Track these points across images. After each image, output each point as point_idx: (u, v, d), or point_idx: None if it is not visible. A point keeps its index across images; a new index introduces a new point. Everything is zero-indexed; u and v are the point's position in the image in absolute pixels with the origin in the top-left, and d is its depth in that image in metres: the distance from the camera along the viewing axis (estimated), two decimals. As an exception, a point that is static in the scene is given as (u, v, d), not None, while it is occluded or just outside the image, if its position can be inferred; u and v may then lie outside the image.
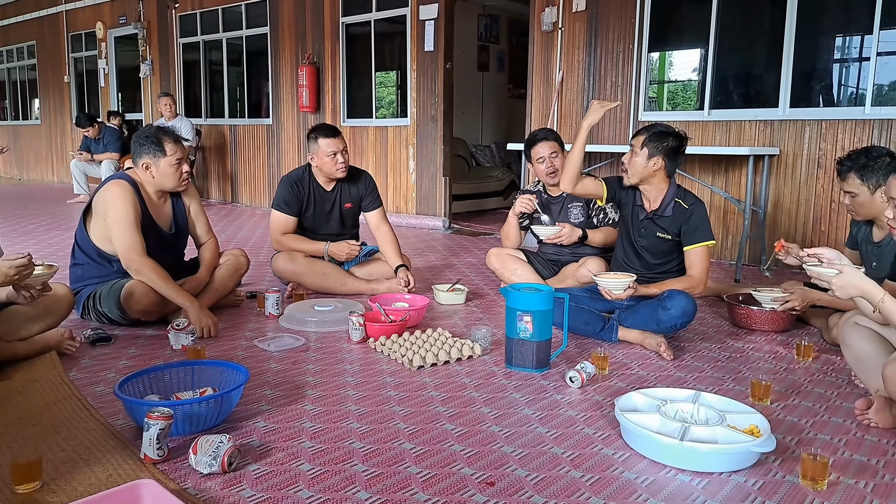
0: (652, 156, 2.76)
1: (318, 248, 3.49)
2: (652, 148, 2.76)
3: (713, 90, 4.76)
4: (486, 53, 8.63)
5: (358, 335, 2.72)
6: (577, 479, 1.66)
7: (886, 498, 1.58)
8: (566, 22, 5.39)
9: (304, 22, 7.18)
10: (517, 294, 2.42)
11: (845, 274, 1.90)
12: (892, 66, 4.18)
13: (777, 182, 4.48)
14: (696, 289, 2.74)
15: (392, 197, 6.62)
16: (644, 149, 2.77)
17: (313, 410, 2.05)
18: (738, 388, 2.30)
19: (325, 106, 7.11)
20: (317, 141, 3.46)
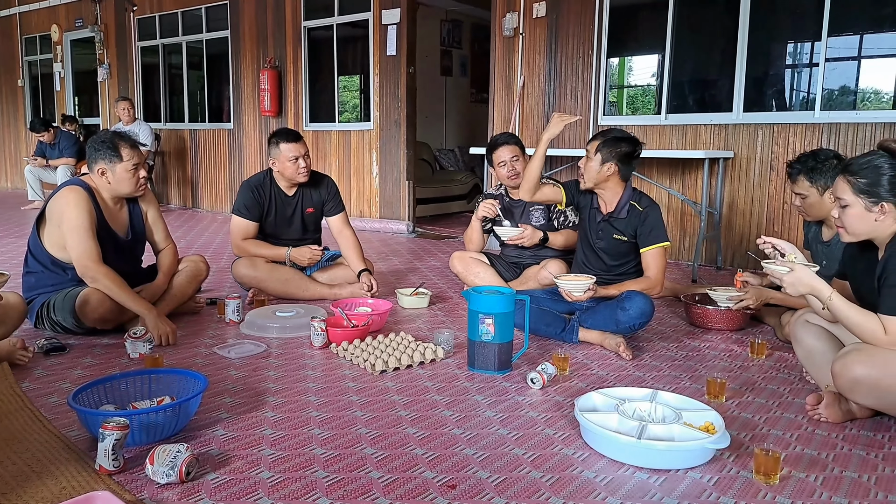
0: (605, 161, 2.81)
1: (279, 253, 3.45)
2: (605, 154, 2.81)
3: (670, 95, 4.87)
4: (449, 58, 8.68)
5: (320, 341, 2.70)
6: (538, 480, 1.67)
7: (835, 490, 1.64)
8: (527, 28, 5.45)
9: (265, 26, 7.11)
10: (479, 297, 2.44)
11: (796, 272, 1.98)
12: (839, 72, 4.33)
13: (732, 184, 4.60)
14: (654, 289, 2.80)
15: (356, 201, 6.60)
16: (598, 154, 2.82)
17: (274, 417, 2.03)
18: (695, 386, 2.35)
19: (287, 110, 7.05)
20: (278, 146, 3.43)
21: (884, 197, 1.89)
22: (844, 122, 4.15)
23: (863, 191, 1.92)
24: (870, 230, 1.95)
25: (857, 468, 1.75)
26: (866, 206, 1.92)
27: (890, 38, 4.17)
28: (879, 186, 1.90)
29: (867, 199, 1.92)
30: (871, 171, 1.91)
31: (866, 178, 1.91)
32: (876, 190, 1.90)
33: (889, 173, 1.89)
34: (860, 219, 1.94)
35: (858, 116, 4.13)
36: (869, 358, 1.88)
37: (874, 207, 1.91)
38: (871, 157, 1.93)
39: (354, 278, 3.51)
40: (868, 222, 1.94)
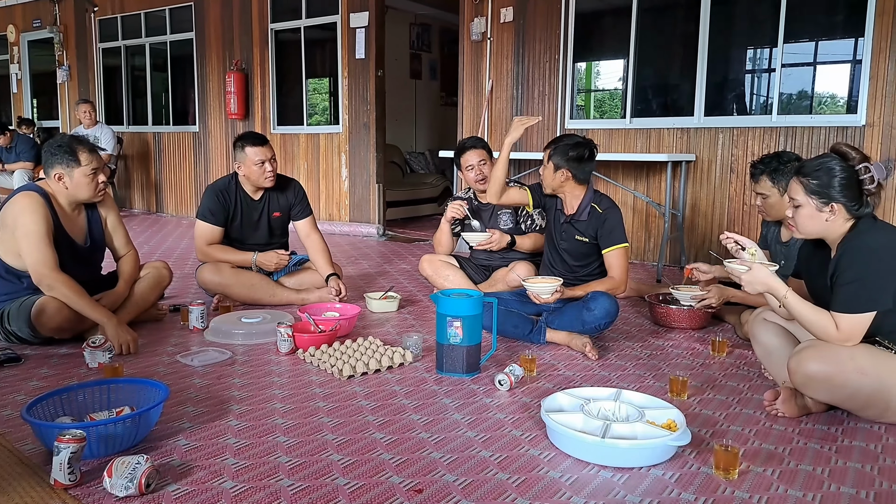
0: (557, 168, 2.86)
1: (245, 258, 3.42)
2: (556, 161, 2.86)
3: (634, 100, 4.95)
4: (419, 61, 8.69)
5: (286, 346, 2.67)
6: (504, 481, 1.68)
7: (791, 483, 1.68)
8: (494, 32, 5.49)
9: (231, 28, 7.03)
10: (447, 300, 2.44)
11: (754, 271, 2.04)
12: (795, 77, 4.45)
13: (694, 186, 4.69)
14: (618, 289, 2.84)
15: (325, 204, 6.56)
16: (549, 162, 2.87)
17: (238, 426, 2.00)
18: (658, 384, 2.39)
19: (254, 113, 6.98)
20: (244, 149, 3.39)
21: (834, 198, 1.96)
22: (800, 125, 4.26)
23: (814, 192, 1.98)
24: (821, 230, 2.02)
25: (811, 461, 1.80)
26: (817, 206, 1.98)
27: (843, 44, 4.30)
28: (830, 188, 1.96)
29: (818, 200, 1.98)
30: (823, 173, 1.97)
31: (818, 180, 1.98)
32: (827, 191, 1.96)
33: (840, 175, 1.95)
34: (811, 218, 2.01)
35: (813, 120, 4.24)
36: (822, 354, 1.94)
37: (825, 208, 1.97)
38: (823, 160, 1.99)
39: (322, 283, 3.48)
40: (819, 222, 2.00)
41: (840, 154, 1.98)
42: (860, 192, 1.95)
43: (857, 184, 1.94)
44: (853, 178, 1.95)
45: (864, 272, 1.90)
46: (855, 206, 1.95)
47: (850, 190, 1.95)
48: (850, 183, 1.95)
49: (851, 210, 1.96)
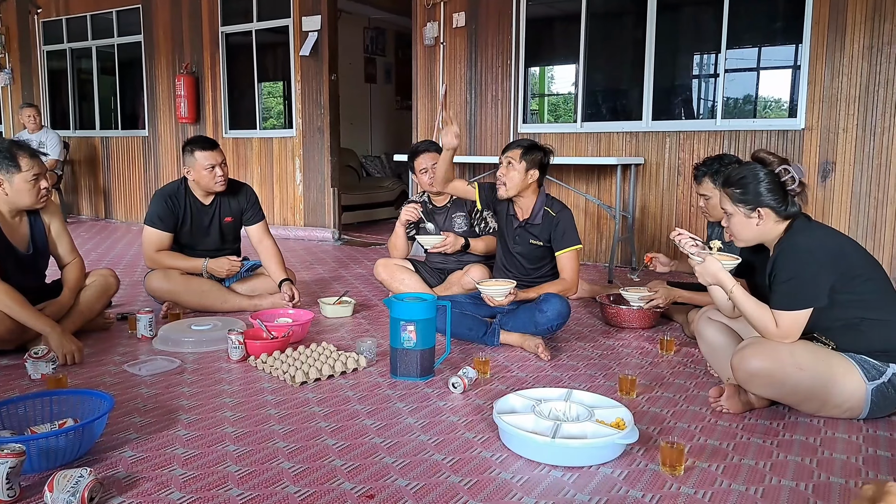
0: (529, 168, 2.89)
1: (196, 264, 3.35)
2: (529, 161, 2.89)
3: (584, 104, 5.04)
4: (373, 65, 8.67)
5: (238, 354, 2.63)
6: (456, 484, 1.69)
7: (734, 478, 1.74)
8: (447, 37, 5.52)
9: (180, 30, 6.89)
10: (400, 304, 2.44)
11: (706, 263, 2.12)
12: (737, 83, 4.61)
13: (643, 189, 4.80)
14: (570, 290, 2.89)
15: (279, 209, 6.48)
16: (522, 162, 2.90)
17: (186, 435, 1.96)
18: (609, 383, 2.44)
19: (205, 117, 6.85)
20: (193, 154, 3.32)
21: (760, 203, 2.05)
22: (743, 129, 4.41)
23: (740, 200, 2.07)
24: (755, 235, 2.10)
25: (754, 456, 1.86)
26: (746, 213, 2.07)
27: (784, 50, 4.47)
28: (754, 194, 2.05)
29: (745, 207, 2.07)
30: (746, 181, 2.06)
31: (742, 188, 2.07)
32: (751, 198, 2.05)
33: (762, 181, 2.04)
34: (743, 226, 2.10)
35: (755, 124, 4.40)
36: (763, 351, 2.01)
37: (752, 213, 2.06)
38: (745, 169, 2.09)
39: (275, 288, 3.44)
40: (751, 228, 2.09)
41: (759, 160, 2.08)
42: (784, 194, 2.03)
43: (779, 186, 2.03)
44: (775, 181, 2.03)
45: (799, 271, 1.98)
46: (782, 208, 2.04)
47: (775, 193, 2.03)
48: (773, 186, 2.03)
49: (779, 212, 2.05)
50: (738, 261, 2.26)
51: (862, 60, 4.01)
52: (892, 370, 1.99)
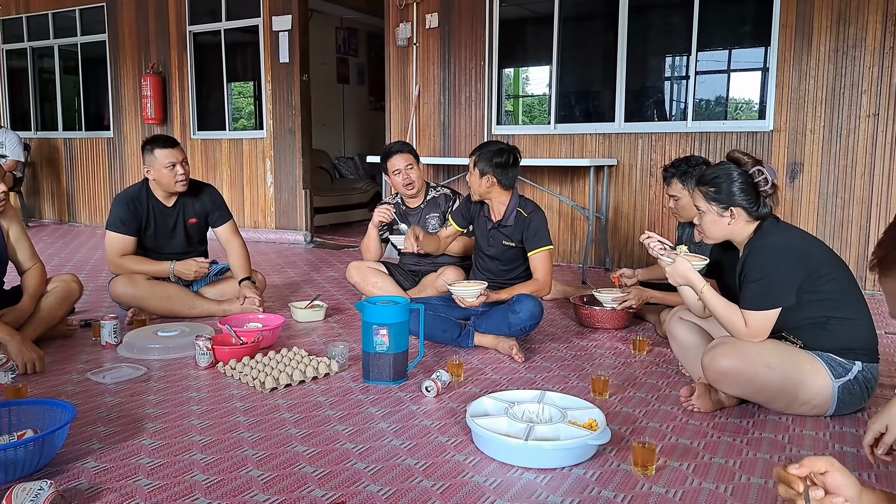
0: (483, 174, 2.90)
1: (162, 268, 3.28)
2: (482, 167, 2.90)
3: (558, 106, 5.06)
4: (346, 66, 8.61)
5: (206, 360, 2.58)
6: (429, 489, 1.67)
7: (705, 476, 1.75)
8: (420, 38, 5.50)
9: (146, 30, 6.76)
10: (372, 308, 2.42)
11: (677, 264, 2.14)
12: (708, 85, 4.66)
13: (616, 190, 4.84)
14: (543, 291, 2.89)
15: (249, 211, 6.39)
16: (476, 168, 2.91)
17: (152, 445, 1.91)
18: (582, 384, 2.44)
19: (172, 118, 6.73)
20: (153, 152, 3.25)
21: (733, 202, 2.07)
22: (714, 131, 4.46)
23: (713, 199, 2.09)
24: (725, 233, 2.13)
25: (724, 454, 1.87)
26: (718, 212, 2.10)
27: (754, 53, 4.53)
28: (728, 194, 2.07)
29: (718, 206, 2.09)
30: (720, 180, 2.09)
31: (715, 187, 2.09)
32: (725, 197, 2.08)
33: (736, 181, 2.07)
34: (714, 224, 2.12)
35: (725, 126, 4.46)
36: (733, 351, 2.03)
37: (725, 213, 2.09)
38: (720, 168, 2.11)
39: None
40: (722, 226, 2.11)
41: (734, 161, 2.10)
42: (757, 195, 2.06)
43: (752, 187, 2.06)
44: (748, 181, 2.06)
45: (768, 271, 2.01)
46: (754, 208, 2.07)
47: (747, 193, 2.06)
48: (746, 187, 2.06)
49: (751, 212, 2.08)
50: (707, 261, 2.28)
51: (828, 63, 4.09)
52: (857, 368, 2.02)
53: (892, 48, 3.89)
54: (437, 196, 3.59)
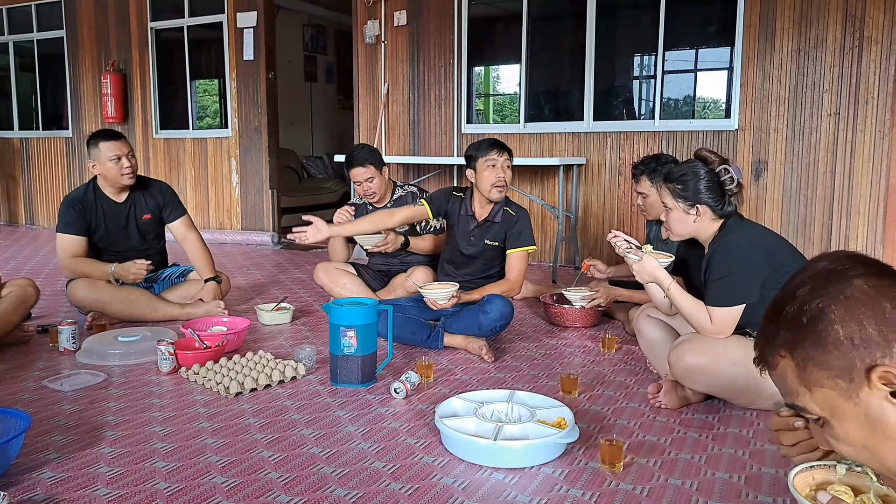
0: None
1: (103, 270, 3.15)
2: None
3: (527, 105, 5.07)
4: (314, 64, 8.52)
5: (168, 365, 2.51)
6: (397, 492, 1.65)
7: (671, 472, 1.76)
8: (388, 36, 5.46)
9: (106, 26, 6.60)
10: (339, 310, 2.38)
11: (644, 261, 2.15)
12: (675, 84, 4.72)
13: (586, 189, 4.87)
14: (513, 291, 2.89)
15: (214, 212, 6.28)
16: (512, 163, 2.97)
17: (112, 453, 1.85)
18: (551, 383, 2.44)
19: (134, 116, 6.58)
20: (97, 145, 3.18)
21: (699, 200, 2.09)
22: (681, 129, 4.52)
23: (680, 196, 2.11)
24: (691, 230, 2.15)
25: (690, 450, 1.89)
26: (684, 209, 2.11)
27: (720, 52, 4.59)
28: (694, 191, 2.09)
29: (684, 203, 2.11)
30: (687, 177, 2.11)
31: (683, 185, 2.11)
32: (691, 195, 2.10)
33: (703, 179, 2.08)
34: (680, 221, 2.14)
35: (692, 125, 4.51)
36: (698, 347, 2.05)
37: (691, 210, 2.11)
38: (687, 166, 2.13)
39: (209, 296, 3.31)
40: (688, 224, 2.13)
41: (701, 159, 2.12)
42: (722, 193, 2.09)
43: (718, 185, 2.08)
44: (715, 180, 2.09)
45: (732, 268, 2.03)
46: (719, 207, 2.09)
47: (713, 192, 2.08)
48: (712, 185, 2.08)
49: (716, 210, 2.10)
50: (672, 258, 2.30)
51: (790, 63, 4.16)
52: (819, 362, 2.05)
53: (851, 49, 3.98)
54: (404, 195, 3.57)
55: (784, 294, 0.87)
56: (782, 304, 0.87)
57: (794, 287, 0.86)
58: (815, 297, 0.83)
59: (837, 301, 0.81)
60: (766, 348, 0.89)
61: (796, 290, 0.85)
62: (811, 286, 0.84)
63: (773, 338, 0.87)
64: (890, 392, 0.79)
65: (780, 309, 0.87)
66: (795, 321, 0.84)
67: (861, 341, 0.79)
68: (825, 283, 0.83)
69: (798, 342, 0.84)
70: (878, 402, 0.80)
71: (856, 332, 0.80)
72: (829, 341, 0.81)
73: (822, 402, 0.84)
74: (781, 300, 0.87)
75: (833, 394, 0.82)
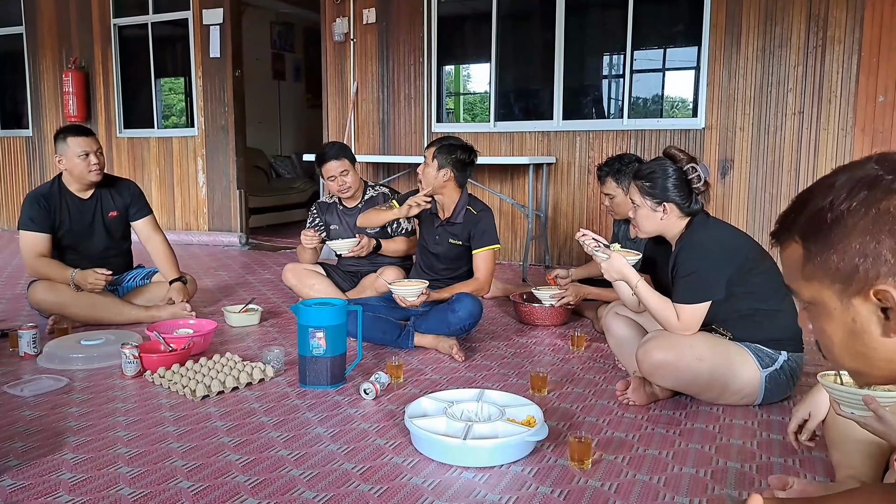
0: (442, 167, 2.87)
1: (64, 275, 3.07)
2: (441, 160, 2.87)
3: (497, 104, 5.08)
4: (282, 62, 8.42)
5: (132, 369, 2.46)
6: (366, 493, 1.64)
7: (639, 468, 1.78)
8: (357, 33, 5.43)
9: (67, 22, 6.44)
10: (308, 310, 2.36)
11: (612, 259, 2.18)
12: (643, 83, 4.77)
13: (555, 187, 4.90)
14: (482, 290, 2.90)
15: (181, 213, 6.17)
16: (434, 161, 2.87)
17: (74, 459, 1.81)
18: (521, 381, 2.45)
19: (97, 115, 6.44)
20: (66, 140, 3.10)
21: (667, 198, 2.12)
22: (649, 128, 4.57)
23: (648, 193, 2.14)
24: (658, 227, 2.18)
25: (658, 446, 1.91)
26: (652, 206, 2.14)
27: (686, 52, 4.65)
28: (662, 189, 2.12)
29: (652, 201, 2.14)
30: (655, 175, 2.13)
31: (650, 182, 2.13)
32: (659, 192, 2.12)
33: (671, 177, 2.11)
34: (648, 218, 2.16)
35: (659, 124, 4.57)
36: (665, 344, 2.08)
37: (658, 207, 2.14)
38: (655, 164, 2.16)
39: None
40: (655, 221, 2.16)
41: (670, 157, 2.15)
42: (690, 191, 2.12)
43: (686, 183, 2.11)
44: (682, 178, 2.11)
45: (698, 266, 2.06)
46: (686, 205, 2.12)
47: (681, 190, 2.12)
48: (679, 183, 2.11)
49: (683, 208, 2.13)
50: (640, 256, 2.33)
51: (756, 62, 4.24)
52: (783, 357, 2.10)
53: (815, 48, 4.07)
54: (376, 195, 3.55)
55: (819, 185, 0.84)
56: (812, 195, 0.84)
57: (832, 182, 0.82)
58: (846, 199, 0.79)
59: (867, 211, 0.78)
60: (783, 229, 0.87)
61: (833, 185, 0.82)
62: (849, 187, 0.80)
63: (791, 223, 0.86)
64: (881, 308, 0.78)
65: (809, 198, 0.84)
66: (818, 215, 0.81)
67: (872, 256, 0.77)
68: (863, 187, 0.79)
69: (812, 235, 0.82)
70: (867, 313, 0.79)
71: (870, 246, 0.77)
72: (841, 247, 0.79)
73: (815, 295, 0.84)
74: (814, 190, 0.84)
75: (828, 293, 0.82)
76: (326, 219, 3.57)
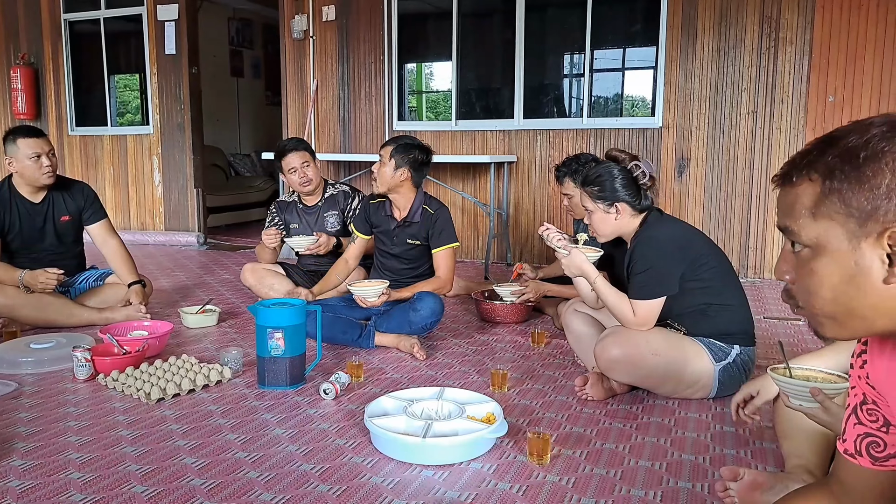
0: (398, 167, 2.86)
1: (13, 276, 2.98)
2: (398, 159, 2.86)
3: (458, 102, 5.09)
4: (240, 58, 8.29)
5: (84, 372, 2.39)
6: (325, 493, 1.63)
7: (596, 462, 1.80)
8: (317, 31, 5.38)
9: (15, 17, 6.22)
10: (266, 311, 2.33)
11: (572, 255, 2.21)
12: (603, 82, 4.84)
13: (516, 186, 4.94)
14: (444, 288, 2.90)
15: (136, 212, 6.03)
16: (391, 160, 2.86)
17: (23, 465, 1.75)
18: (482, 379, 2.46)
19: (47, 113, 6.24)
20: (16, 142, 3.01)
21: (616, 198, 2.16)
22: (608, 127, 4.64)
23: (598, 197, 2.18)
24: (614, 229, 2.22)
25: (615, 440, 1.94)
26: (604, 209, 2.19)
27: (645, 52, 4.72)
28: (611, 191, 2.17)
29: (603, 204, 2.18)
30: (602, 178, 2.18)
31: (598, 186, 2.18)
32: (609, 194, 2.17)
33: (618, 178, 2.16)
34: (603, 221, 2.21)
35: (619, 122, 4.64)
36: (622, 340, 2.12)
37: (610, 209, 2.18)
38: (601, 168, 2.20)
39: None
40: (609, 223, 2.20)
41: (612, 159, 2.20)
42: (638, 189, 2.16)
43: (633, 181, 2.16)
44: (628, 177, 2.16)
45: (652, 262, 2.11)
46: (637, 202, 2.17)
47: (629, 188, 2.16)
48: (627, 182, 2.16)
49: (635, 206, 2.17)
50: (601, 252, 2.36)
51: (711, 63, 4.34)
52: (735, 351, 2.16)
53: (767, 49, 4.18)
54: (336, 193, 3.52)
55: (856, 126, 0.82)
56: (847, 133, 0.82)
57: (871, 124, 0.81)
58: (884, 140, 0.78)
59: None
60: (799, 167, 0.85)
61: (871, 127, 0.80)
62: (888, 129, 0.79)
63: (814, 160, 0.83)
64: (888, 254, 0.77)
65: (842, 137, 0.82)
66: (851, 152, 0.79)
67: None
68: None
69: (838, 172, 0.80)
70: (872, 257, 0.78)
71: None
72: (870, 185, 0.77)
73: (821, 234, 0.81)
74: (849, 131, 0.82)
75: (838, 231, 0.80)
76: (286, 217, 3.53)
